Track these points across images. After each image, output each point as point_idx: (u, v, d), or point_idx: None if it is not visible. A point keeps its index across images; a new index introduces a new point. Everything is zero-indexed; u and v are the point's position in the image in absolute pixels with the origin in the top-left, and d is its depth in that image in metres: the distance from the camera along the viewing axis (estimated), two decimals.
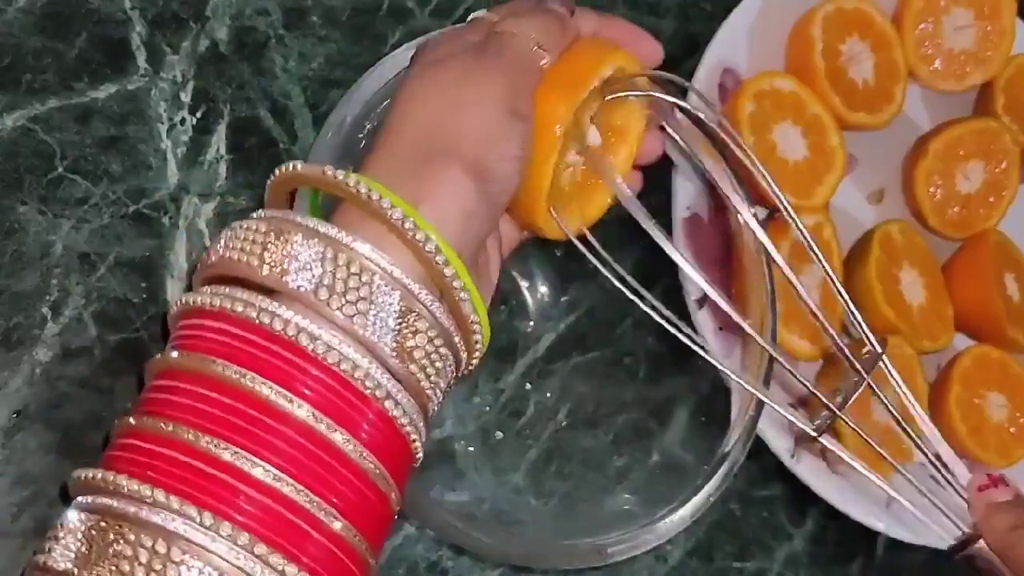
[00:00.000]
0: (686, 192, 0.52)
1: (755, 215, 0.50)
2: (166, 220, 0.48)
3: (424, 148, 0.35)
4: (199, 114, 0.50)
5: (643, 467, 0.51)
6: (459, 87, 0.36)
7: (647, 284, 0.42)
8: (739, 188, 0.47)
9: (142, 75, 0.49)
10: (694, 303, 0.52)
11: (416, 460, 0.36)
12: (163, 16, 0.50)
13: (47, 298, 0.45)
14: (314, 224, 0.34)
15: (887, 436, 0.58)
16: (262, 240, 0.34)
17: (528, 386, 0.53)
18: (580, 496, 0.50)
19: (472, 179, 0.35)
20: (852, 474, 0.57)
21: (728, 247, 0.50)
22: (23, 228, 0.45)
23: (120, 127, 0.48)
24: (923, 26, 0.62)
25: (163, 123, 0.49)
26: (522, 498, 0.50)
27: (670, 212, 0.51)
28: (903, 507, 0.45)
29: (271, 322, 0.32)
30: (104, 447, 0.34)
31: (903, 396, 0.44)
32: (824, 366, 0.58)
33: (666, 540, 0.47)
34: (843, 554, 0.60)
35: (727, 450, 0.47)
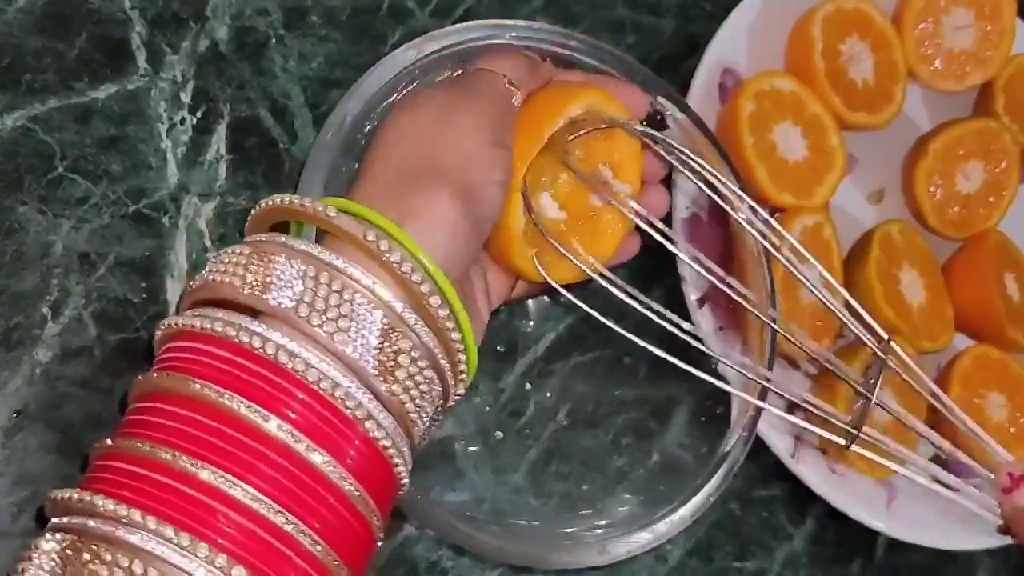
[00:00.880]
0: (686, 192, 0.52)
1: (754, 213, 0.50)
2: (166, 220, 0.48)
3: (411, 172, 0.36)
4: (199, 114, 0.50)
5: (643, 467, 0.51)
6: (442, 119, 0.38)
7: (647, 284, 0.42)
8: (739, 188, 0.47)
9: (142, 75, 0.49)
10: (694, 303, 0.52)
11: (401, 486, 0.35)
12: (163, 16, 0.50)
13: (47, 298, 0.45)
14: (295, 243, 0.34)
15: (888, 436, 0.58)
16: (244, 262, 0.34)
17: (528, 386, 0.53)
18: (580, 496, 0.50)
19: (459, 200, 0.35)
20: (851, 474, 0.57)
21: (728, 247, 0.50)
22: (23, 228, 0.45)
23: (120, 127, 0.48)
24: (923, 26, 0.62)
25: (163, 123, 0.49)
26: (522, 498, 0.50)
27: (670, 212, 0.51)
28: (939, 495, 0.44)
29: (251, 340, 0.32)
30: (84, 468, 0.33)
31: (923, 388, 0.43)
32: (820, 376, 0.58)
33: (666, 540, 0.47)
34: (843, 554, 0.60)
35: (727, 450, 0.47)
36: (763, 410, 0.48)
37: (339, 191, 0.47)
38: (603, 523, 0.47)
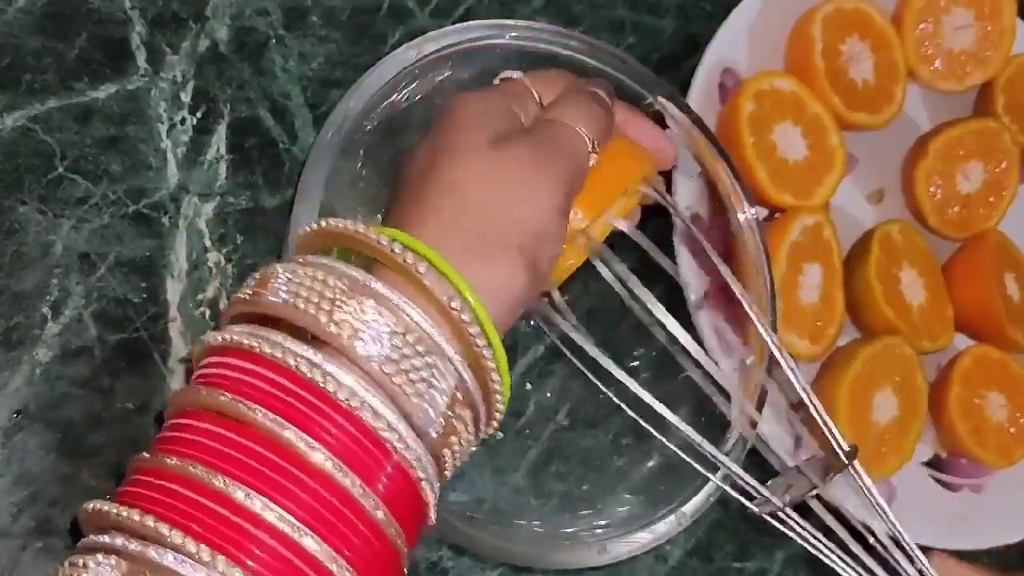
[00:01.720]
0: (686, 192, 0.52)
1: (755, 215, 0.50)
2: (166, 220, 0.48)
3: (488, 235, 0.36)
4: (199, 114, 0.50)
5: (643, 467, 0.51)
6: (524, 181, 0.37)
7: (647, 284, 0.42)
8: (739, 189, 0.47)
9: (142, 75, 0.49)
10: (694, 303, 0.52)
11: (428, 520, 0.36)
12: (163, 16, 0.50)
13: (47, 298, 0.45)
14: (386, 293, 0.34)
15: (886, 436, 0.58)
16: (331, 296, 0.33)
17: (528, 386, 0.53)
18: (580, 496, 0.50)
19: (526, 274, 0.36)
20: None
21: (728, 247, 0.50)
22: (23, 228, 0.45)
23: (120, 127, 0.48)
24: (923, 26, 0.62)
25: (163, 123, 0.49)
26: (522, 498, 0.50)
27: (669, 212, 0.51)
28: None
29: (311, 373, 0.32)
30: (118, 481, 0.33)
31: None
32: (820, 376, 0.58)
33: (666, 540, 0.47)
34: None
35: (727, 450, 0.47)
36: (763, 409, 0.48)
37: (339, 191, 0.47)
38: (603, 523, 0.48)
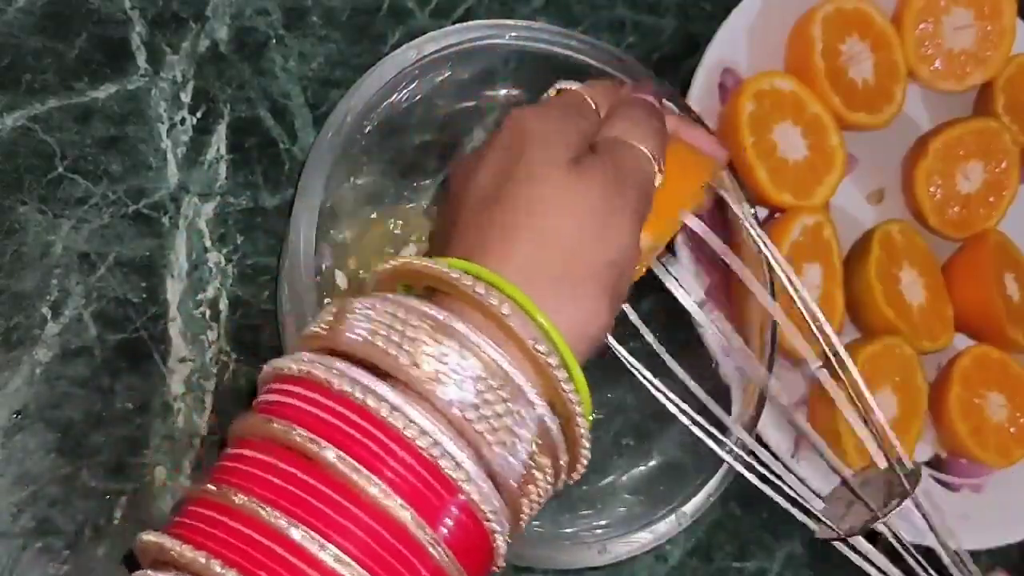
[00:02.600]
0: None
1: (754, 215, 0.50)
2: (166, 220, 0.48)
3: (572, 269, 0.35)
4: (199, 114, 0.50)
5: (643, 467, 0.51)
6: (603, 209, 0.36)
7: (647, 284, 0.42)
8: (739, 189, 0.47)
9: (142, 75, 0.49)
10: (694, 303, 0.52)
11: (496, 570, 0.34)
12: (163, 16, 0.50)
13: (47, 298, 0.45)
14: (470, 335, 0.32)
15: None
16: (413, 335, 0.32)
17: None
18: (580, 496, 0.50)
19: (611, 310, 0.36)
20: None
21: (728, 247, 0.50)
22: (23, 228, 0.45)
23: (120, 127, 0.48)
24: (923, 26, 0.62)
25: (163, 123, 0.49)
26: None
27: None
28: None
29: (391, 417, 0.31)
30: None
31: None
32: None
33: (666, 540, 0.47)
34: (844, 554, 0.60)
35: (727, 449, 0.47)
36: (763, 410, 0.48)
37: (339, 191, 0.47)
38: (603, 523, 0.47)
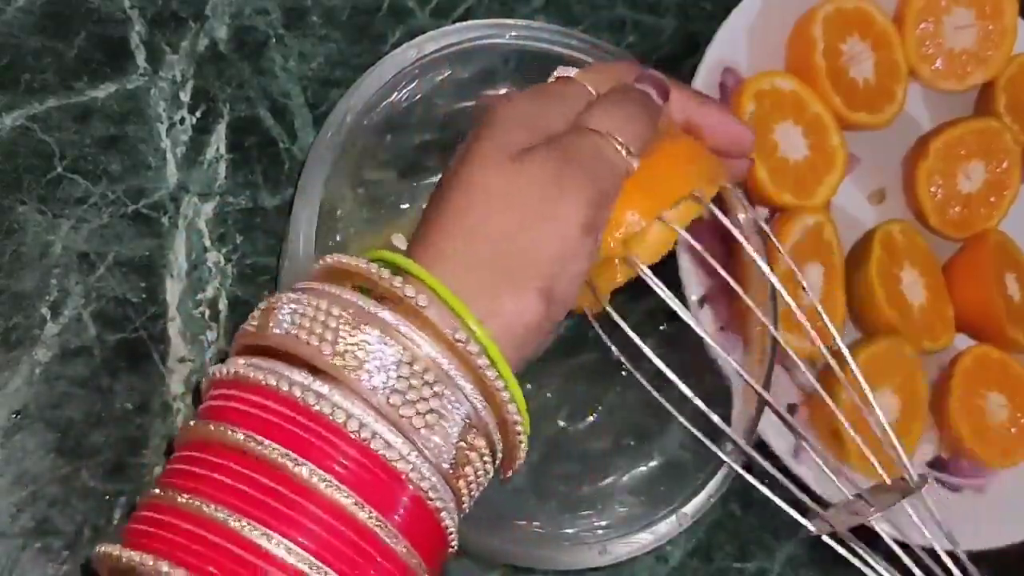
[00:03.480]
0: None
1: (754, 217, 0.50)
2: (166, 220, 0.48)
3: (503, 259, 0.34)
4: (199, 114, 0.50)
5: (643, 467, 0.51)
6: (544, 199, 0.35)
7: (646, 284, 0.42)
8: (740, 194, 0.47)
9: (142, 75, 0.49)
10: (695, 302, 0.52)
11: (450, 549, 0.35)
12: (163, 15, 0.50)
13: (47, 298, 0.45)
14: (392, 320, 0.32)
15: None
16: (334, 325, 0.32)
17: (528, 386, 0.52)
18: (580, 497, 0.50)
19: (543, 300, 0.35)
20: (851, 474, 0.57)
21: (728, 247, 0.50)
22: (23, 228, 0.45)
23: (120, 127, 0.48)
24: (924, 25, 0.62)
25: (163, 123, 0.49)
26: (522, 499, 0.50)
27: None
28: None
29: (319, 405, 0.31)
30: (129, 516, 0.33)
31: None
32: (820, 377, 0.58)
33: (667, 541, 0.47)
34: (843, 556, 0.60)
35: (727, 450, 0.47)
36: (763, 410, 0.48)
37: (339, 191, 0.47)
38: (604, 524, 0.47)
